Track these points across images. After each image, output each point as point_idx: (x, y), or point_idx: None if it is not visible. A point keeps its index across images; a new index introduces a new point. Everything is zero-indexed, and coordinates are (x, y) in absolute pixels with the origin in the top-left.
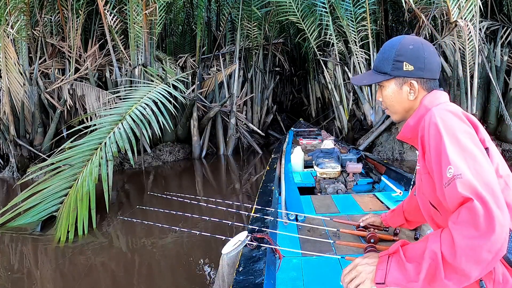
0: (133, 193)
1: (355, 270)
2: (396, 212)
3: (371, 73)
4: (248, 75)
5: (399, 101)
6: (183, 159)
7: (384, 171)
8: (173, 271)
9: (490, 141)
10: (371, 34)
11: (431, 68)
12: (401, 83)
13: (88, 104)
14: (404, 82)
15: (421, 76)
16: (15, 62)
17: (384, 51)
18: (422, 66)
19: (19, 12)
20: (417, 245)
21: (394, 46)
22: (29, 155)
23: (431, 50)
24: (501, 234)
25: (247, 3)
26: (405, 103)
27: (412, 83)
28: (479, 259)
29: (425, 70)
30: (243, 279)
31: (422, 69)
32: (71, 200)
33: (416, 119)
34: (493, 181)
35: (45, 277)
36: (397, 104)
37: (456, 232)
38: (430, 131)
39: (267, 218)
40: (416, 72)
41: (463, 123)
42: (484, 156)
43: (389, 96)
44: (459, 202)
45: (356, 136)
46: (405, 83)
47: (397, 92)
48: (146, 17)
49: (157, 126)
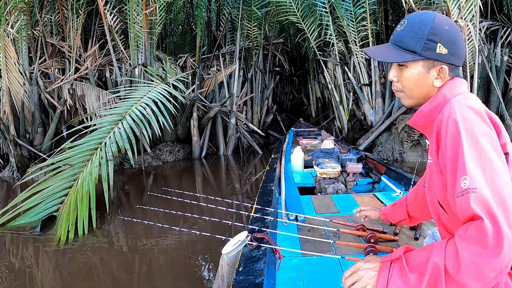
0: (133, 193)
1: (357, 275)
2: (397, 206)
3: (392, 48)
4: (248, 75)
5: (421, 86)
6: (183, 159)
7: (384, 171)
8: (173, 271)
9: (510, 144)
10: (371, 34)
11: (461, 55)
12: (429, 67)
13: (88, 104)
14: (433, 66)
15: (452, 62)
16: (15, 61)
17: (413, 24)
18: (455, 51)
19: (19, 11)
20: (421, 253)
21: (427, 22)
22: (29, 155)
23: (461, 34)
24: (508, 253)
25: (247, 3)
26: (427, 89)
27: (444, 69)
28: (483, 276)
29: (457, 56)
30: (243, 279)
31: (455, 55)
32: (71, 200)
33: (431, 107)
34: (509, 194)
35: (45, 277)
36: (417, 89)
37: (462, 247)
38: (449, 128)
39: (267, 218)
40: (448, 57)
41: (485, 124)
42: (503, 164)
43: (412, 79)
44: (469, 217)
45: (356, 136)
46: (434, 67)
47: (423, 75)
48: (146, 17)
49: (157, 126)
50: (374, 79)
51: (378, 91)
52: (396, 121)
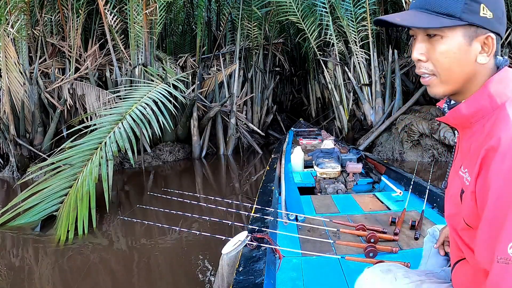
0: (133, 193)
1: None
2: None
3: (418, 13)
4: (248, 75)
5: (462, 64)
6: (183, 159)
7: (384, 171)
8: (173, 271)
9: None
10: (371, 34)
11: (505, 22)
12: (471, 36)
13: (88, 103)
14: (476, 36)
15: (498, 30)
16: (15, 61)
17: None
18: (501, 16)
19: (19, 11)
20: None
21: None
22: (29, 155)
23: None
24: None
25: (247, 3)
26: (469, 68)
27: (491, 39)
28: None
29: (503, 24)
30: (243, 279)
31: (500, 21)
32: (71, 200)
33: (472, 111)
34: None
35: (45, 276)
36: (457, 68)
37: None
38: (507, 164)
39: (267, 218)
40: (494, 23)
41: None
42: None
43: (450, 54)
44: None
45: (356, 136)
46: (477, 37)
47: (464, 49)
48: (146, 17)
49: (157, 126)
50: (374, 79)
51: (378, 91)
52: (396, 121)
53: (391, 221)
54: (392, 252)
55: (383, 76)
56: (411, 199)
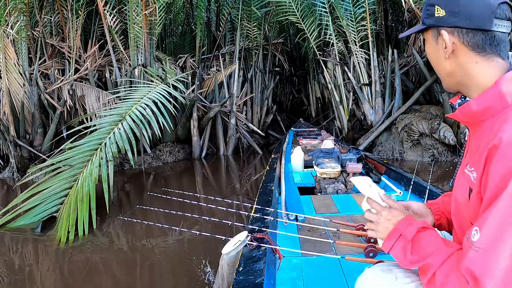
0: (133, 194)
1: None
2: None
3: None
4: (248, 75)
5: (438, 63)
6: (183, 160)
7: (384, 171)
8: (173, 271)
9: None
10: (370, 34)
11: (471, 12)
12: (435, 35)
13: (88, 104)
14: (438, 33)
15: (456, 24)
16: (15, 62)
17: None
18: (456, 9)
19: (19, 12)
20: (430, 242)
21: None
22: (29, 156)
23: None
24: None
25: (247, 3)
26: (446, 65)
27: (442, 34)
28: None
29: (461, 16)
30: (243, 279)
31: (456, 14)
32: (71, 201)
33: (481, 107)
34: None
35: (46, 277)
36: (437, 65)
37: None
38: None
39: (267, 218)
40: (448, 19)
41: None
42: None
43: (429, 54)
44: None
45: (356, 136)
46: (439, 35)
47: (434, 48)
48: (145, 18)
49: (157, 127)
50: (374, 79)
51: (378, 91)
52: (396, 120)
53: None
54: None
55: (382, 75)
56: (411, 199)
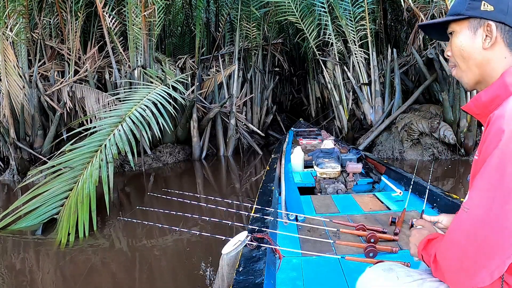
0: (134, 195)
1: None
2: None
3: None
4: (247, 75)
5: (471, 52)
6: (183, 160)
7: (384, 171)
8: (174, 271)
9: None
10: (370, 34)
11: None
12: (475, 26)
13: (88, 106)
14: (480, 25)
15: (503, 20)
16: (15, 65)
17: None
18: (504, 8)
19: (18, 14)
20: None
21: None
22: (29, 158)
23: None
24: None
25: (246, 4)
26: (478, 56)
27: (490, 25)
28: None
29: (509, 14)
30: (243, 279)
31: (504, 12)
32: (72, 203)
33: (489, 97)
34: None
35: (46, 279)
36: (467, 55)
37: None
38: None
39: (267, 218)
40: (496, 15)
41: None
42: None
43: (459, 45)
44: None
45: (356, 136)
46: (481, 26)
47: (469, 38)
48: (145, 19)
49: (157, 128)
50: (373, 79)
51: (378, 90)
52: (396, 120)
53: (391, 221)
54: (392, 252)
55: (382, 75)
56: (411, 199)
